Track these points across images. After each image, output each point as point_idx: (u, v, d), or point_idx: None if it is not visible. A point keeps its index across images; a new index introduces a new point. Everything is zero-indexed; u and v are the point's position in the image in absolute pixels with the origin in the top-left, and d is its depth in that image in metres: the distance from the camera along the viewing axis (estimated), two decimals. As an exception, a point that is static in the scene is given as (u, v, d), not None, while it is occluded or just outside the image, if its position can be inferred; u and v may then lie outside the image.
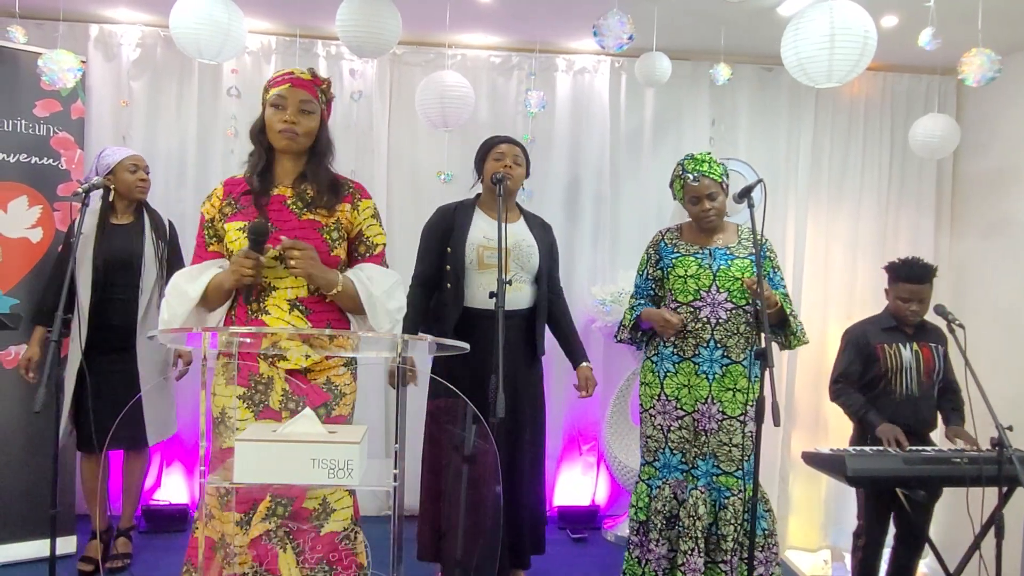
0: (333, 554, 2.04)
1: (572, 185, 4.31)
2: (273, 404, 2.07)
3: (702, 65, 4.20)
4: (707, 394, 2.82)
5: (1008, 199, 4.02)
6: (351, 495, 2.14)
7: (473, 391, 2.48)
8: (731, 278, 2.83)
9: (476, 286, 2.89)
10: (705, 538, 2.78)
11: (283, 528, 2.00)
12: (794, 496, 4.27)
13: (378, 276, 2.14)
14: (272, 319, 2.07)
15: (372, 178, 4.14)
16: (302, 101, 2.12)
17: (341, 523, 2.08)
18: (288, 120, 2.10)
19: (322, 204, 2.13)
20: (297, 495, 2.01)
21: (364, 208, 2.21)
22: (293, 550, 2.01)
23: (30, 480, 3.33)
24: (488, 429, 2.21)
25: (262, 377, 2.08)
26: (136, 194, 3.28)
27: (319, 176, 2.16)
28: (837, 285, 4.37)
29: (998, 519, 2.58)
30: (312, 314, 2.10)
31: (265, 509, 2.00)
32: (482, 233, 2.91)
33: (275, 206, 2.12)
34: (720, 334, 2.82)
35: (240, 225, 2.09)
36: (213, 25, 2.85)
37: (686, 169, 2.86)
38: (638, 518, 2.91)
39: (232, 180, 2.21)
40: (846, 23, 2.49)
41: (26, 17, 3.62)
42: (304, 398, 2.08)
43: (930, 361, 3.08)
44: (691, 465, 2.84)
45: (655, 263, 2.98)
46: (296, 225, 2.10)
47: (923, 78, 4.34)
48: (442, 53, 4.05)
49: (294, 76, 2.16)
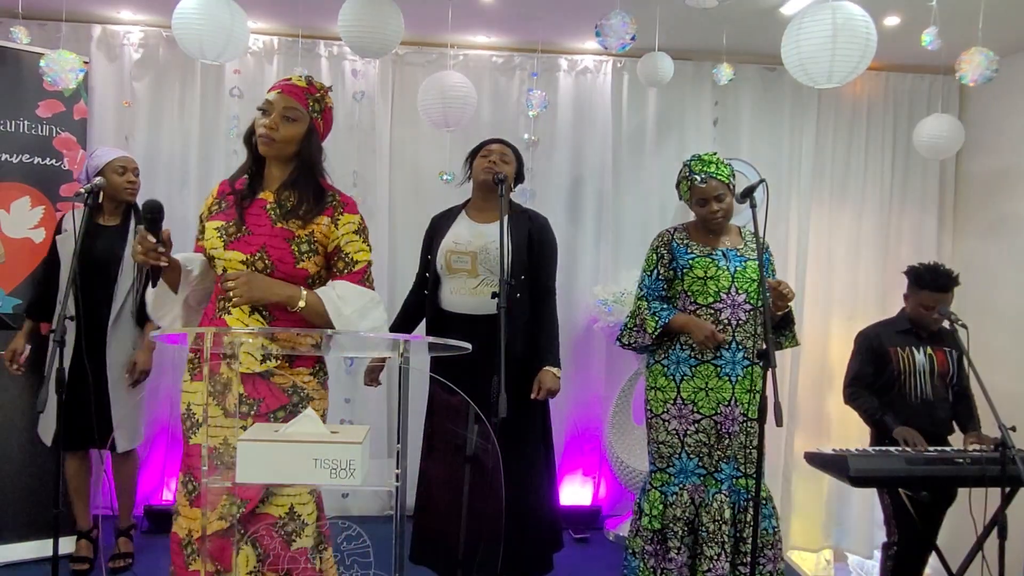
0: (296, 569, 2.01)
1: (574, 185, 4.30)
2: (229, 406, 2.03)
3: (704, 65, 4.20)
4: (730, 396, 2.78)
5: (1011, 199, 4.01)
6: (317, 508, 2.11)
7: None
8: (748, 279, 2.80)
9: (447, 291, 2.90)
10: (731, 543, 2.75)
11: (243, 531, 1.98)
12: (796, 496, 4.26)
13: (351, 295, 2.08)
14: (232, 320, 2.06)
15: (374, 178, 4.14)
16: (286, 108, 2.10)
17: (310, 539, 2.06)
18: (267, 126, 2.09)
19: (298, 215, 2.10)
20: (250, 497, 1.98)
21: (344, 223, 2.14)
22: (256, 554, 1.98)
23: (32, 480, 3.34)
24: (490, 429, 2.20)
25: (221, 377, 2.07)
26: (123, 196, 3.24)
27: (302, 185, 2.13)
28: (840, 285, 4.36)
29: (1001, 520, 2.57)
30: (275, 320, 2.08)
31: (221, 507, 1.98)
32: (453, 239, 2.91)
33: (255, 210, 2.12)
34: (741, 335, 2.79)
35: (218, 224, 2.10)
36: (216, 25, 2.85)
37: (693, 171, 2.82)
38: (652, 527, 2.81)
39: (227, 181, 2.23)
40: (848, 23, 2.48)
41: (29, 18, 3.63)
42: (260, 401, 2.04)
43: (944, 365, 3.06)
44: (714, 468, 2.78)
45: (667, 263, 2.88)
46: (268, 232, 2.09)
47: (926, 78, 4.33)
48: (444, 53, 4.05)
49: (287, 83, 2.15)
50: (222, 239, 2.09)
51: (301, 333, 1.90)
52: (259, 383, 2.06)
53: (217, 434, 1.95)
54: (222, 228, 2.10)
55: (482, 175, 2.89)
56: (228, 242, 2.08)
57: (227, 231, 2.09)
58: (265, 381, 2.06)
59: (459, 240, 2.89)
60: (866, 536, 4.25)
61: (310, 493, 2.09)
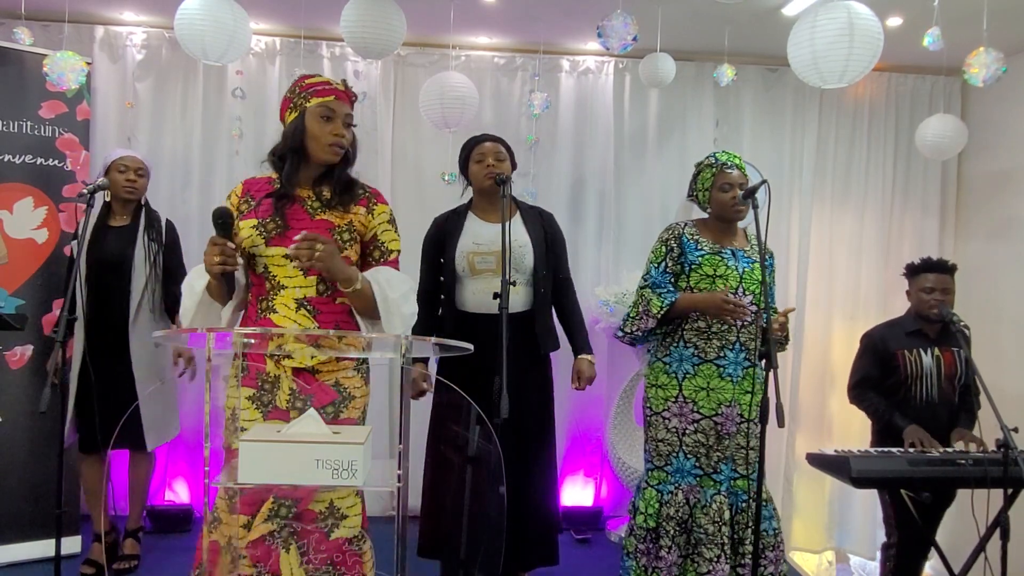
0: (338, 556, 2.04)
1: (576, 186, 4.31)
2: (280, 403, 2.07)
3: (706, 66, 4.20)
4: (731, 397, 2.77)
5: (1014, 200, 4.00)
6: (361, 501, 2.13)
7: (474, 393, 2.47)
8: (755, 281, 2.79)
9: (471, 293, 2.90)
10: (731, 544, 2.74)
11: (287, 528, 2.01)
12: (798, 497, 4.26)
13: (395, 280, 2.13)
14: (279, 318, 2.08)
15: (376, 179, 4.14)
16: (347, 115, 2.17)
17: (351, 530, 2.08)
18: (339, 134, 2.13)
19: (337, 204, 2.14)
20: (302, 496, 2.01)
21: (379, 213, 2.21)
22: (298, 550, 2.01)
23: (35, 480, 3.34)
24: (492, 430, 2.20)
25: (269, 376, 2.09)
26: (123, 194, 3.25)
27: (338, 178, 2.17)
28: (841, 286, 4.36)
29: (1003, 521, 2.57)
30: (320, 315, 2.10)
31: (268, 510, 2.01)
32: (471, 239, 2.90)
33: (292, 206, 2.14)
34: (745, 336, 2.77)
35: (254, 223, 2.10)
36: (218, 26, 2.85)
37: (719, 158, 2.83)
38: (647, 525, 2.79)
39: (253, 180, 2.22)
40: (862, 23, 2.49)
41: (31, 19, 3.64)
42: (311, 396, 2.08)
43: (952, 366, 3.05)
44: (712, 469, 2.77)
45: (676, 257, 2.82)
46: (309, 225, 2.10)
47: (928, 79, 4.33)
48: (446, 54, 4.05)
49: (337, 88, 2.18)
50: (262, 236, 2.09)
51: (345, 339, 1.89)
52: (309, 378, 2.09)
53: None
54: (259, 225, 2.10)
55: (484, 181, 2.89)
56: (269, 238, 2.09)
57: (266, 227, 2.10)
58: (313, 376, 2.10)
59: (480, 241, 2.88)
60: (868, 537, 4.25)
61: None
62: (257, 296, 2.14)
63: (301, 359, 2.09)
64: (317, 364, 2.10)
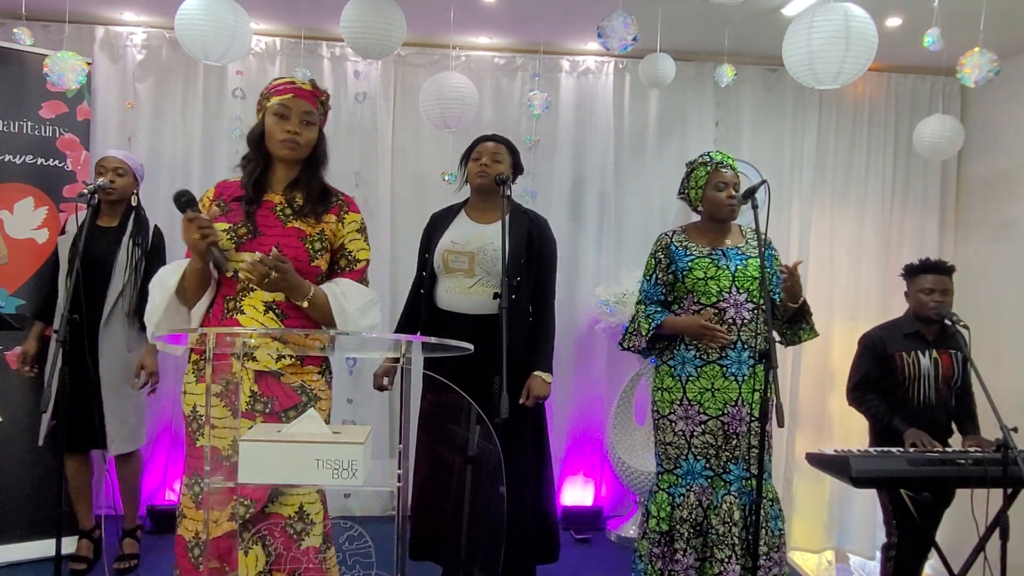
0: (308, 569, 2.03)
1: (576, 186, 4.31)
2: (241, 405, 2.05)
3: (706, 66, 4.20)
4: (737, 396, 2.75)
5: (1013, 201, 4.00)
6: (324, 508, 2.12)
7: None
8: (749, 278, 2.78)
9: (444, 290, 2.90)
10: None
11: (255, 532, 1.99)
12: (798, 497, 4.26)
13: (353, 292, 2.13)
14: (246, 319, 2.08)
15: (376, 179, 4.15)
16: (304, 112, 2.14)
17: (318, 538, 2.07)
18: (291, 131, 2.11)
19: (309, 213, 2.13)
20: (259, 497, 1.99)
21: (349, 222, 2.20)
22: (265, 554, 1.99)
23: (35, 480, 3.35)
24: (491, 429, 2.20)
25: (234, 377, 2.08)
26: (100, 195, 3.19)
27: (310, 185, 2.17)
28: (841, 286, 4.36)
29: (1003, 521, 2.57)
30: (287, 319, 2.09)
31: (231, 509, 1.99)
32: (450, 238, 2.91)
33: (263, 212, 2.13)
34: (746, 334, 2.77)
35: (224, 227, 2.10)
36: (218, 27, 2.85)
37: (713, 158, 2.84)
38: (660, 528, 2.78)
39: (225, 183, 2.23)
40: (857, 24, 2.50)
41: (32, 19, 3.64)
42: (274, 399, 2.06)
43: (949, 369, 3.05)
44: (722, 470, 2.76)
45: (665, 267, 2.87)
46: (280, 232, 2.10)
47: (927, 79, 4.33)
48: (446, 54, 4.06)
49: (296, 86, 2.16)
50: (232, 241, 2.09)
51: (311, 335, 1.90)
52: (271, 382, 2.07)
53: (225, 435, 1.95)
54: (231, 230, 2.10)
55: (476, 179, 2.90)
56: (240, 244, 2.09)
57: (237, 233, 2.09)
58: (276, 380, 2.08)
59: (457, 240, 2.89)
60: (868, 537, 4.25)
61: (317, 492, 2.10)
62: (224, 296, 2.12)
63: (265, 362, 2.07)
64: (281, 366, 2.08)
